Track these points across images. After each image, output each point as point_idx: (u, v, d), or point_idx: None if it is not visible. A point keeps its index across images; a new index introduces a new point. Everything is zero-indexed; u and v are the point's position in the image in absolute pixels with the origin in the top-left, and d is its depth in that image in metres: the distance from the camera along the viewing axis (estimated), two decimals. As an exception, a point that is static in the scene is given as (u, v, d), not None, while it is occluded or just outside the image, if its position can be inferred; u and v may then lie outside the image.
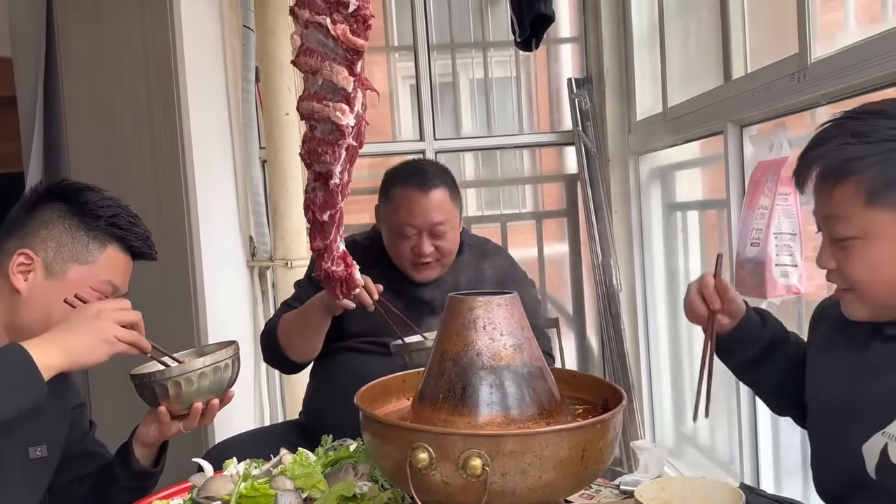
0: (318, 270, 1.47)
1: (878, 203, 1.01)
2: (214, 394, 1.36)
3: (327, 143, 1.30)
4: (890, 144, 1.00)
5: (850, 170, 1.02)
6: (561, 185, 3.38)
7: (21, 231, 1.31)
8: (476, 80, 3.36)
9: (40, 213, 1.32)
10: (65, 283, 1.29)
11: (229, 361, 1.36)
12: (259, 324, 3.00)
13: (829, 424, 1.15)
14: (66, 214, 1.32)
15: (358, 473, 1.26)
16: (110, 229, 1.34)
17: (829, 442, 1.15)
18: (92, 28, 2.37)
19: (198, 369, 1.32)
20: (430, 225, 1.73)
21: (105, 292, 1.33)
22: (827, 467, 1.17)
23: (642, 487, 1.13)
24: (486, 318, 1.06)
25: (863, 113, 1.05)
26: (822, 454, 1.18)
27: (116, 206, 1.36)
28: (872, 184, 1.00)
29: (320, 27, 1.24)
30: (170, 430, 1.38)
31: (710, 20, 2.41)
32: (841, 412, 1.12)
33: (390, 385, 1.23)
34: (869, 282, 1.05)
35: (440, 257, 1.78)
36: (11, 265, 1.27)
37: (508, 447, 0.92)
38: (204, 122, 2.51)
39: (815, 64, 1.77)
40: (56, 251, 1.30)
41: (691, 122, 2.48)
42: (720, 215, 2.51)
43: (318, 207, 1.37)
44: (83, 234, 1.32)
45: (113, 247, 1.34)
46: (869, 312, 1.09)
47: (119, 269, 1.36)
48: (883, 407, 1.04)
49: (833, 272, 1.10)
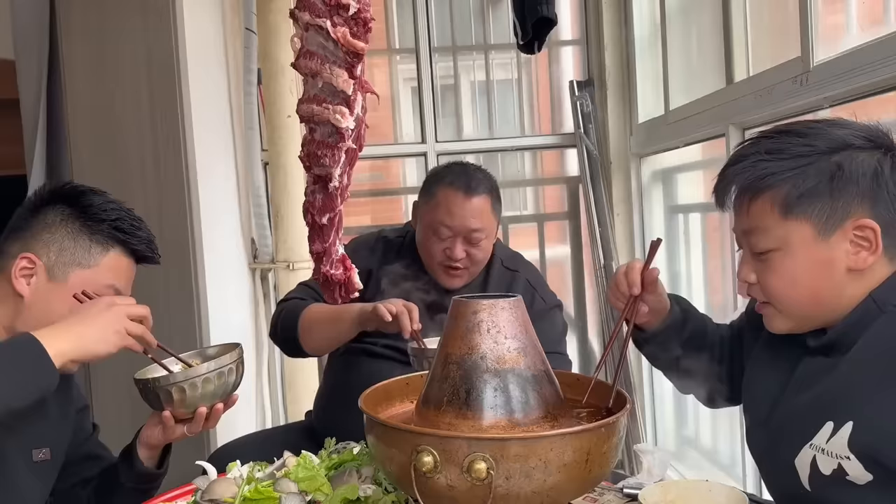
0: (316, 274, 1.47)
1: (792, 215, 1.05)
2: (219, 398, 1.36)
3: (327, 146, 1.30)
4: (802, 160, 1.05)
5: (766, 184, 1.06)
6: (562, 187, 3.39)
7: (24, 234, 1.31)
8: (477, 82, 3.37)
9: (44, 217, 1.32)
10: (67, 287, 1.29)
11: (233, 366, 1.36)
12: (261, 325, 3.00)
13: (763, 440, 1.17)
14: (69, 218, 1.32)
15: (362, 476, 1.26)
16: (113, 233, 1.33)
17: (766, 458, 1.17)
18: (94, 31, 2.37)
19: (202, 374, 1.32)
20: (468, 230, 1.72)
21: None
22: (772, 483, 1.19)
23: (646, 490, 1.13)
24: (491, 322, 1.06)
25: (776, 132, 1.11)
26: (765, 471, 1.20)
27: (120, 210, 1.36)
28: (787, 196, 1.05)
29: (321, 30, 1.24)
30: (174, 434, 1.38)
31: (711, 23, 2.41)
32: (772, 427, 1.14)
33: (393, 388, 1.23)
34: (788, 293, 1.08)
35: (470, 265, 1.76)
36: (14, 269, 1.27)
37: (513, 451, 0.92)
38: (206, 125, 2.52)
39: (817, 67, 1.77)
40: (58, 255, 1.29)
41: (693, 124, 2.48)
42: (722, 218, 2.51)
43: (318, 210, 1.37)
44: (86, 238, 1.31)
45: (115, 251, 1.34)
46: (789, 324, 1.12)
47: (122, 274, 1.35)
48: (808, 419, 1.06)
49: (753, 286, 1.13)
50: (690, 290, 2.82)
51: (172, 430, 1.37)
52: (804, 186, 1.04)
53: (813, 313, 1.09)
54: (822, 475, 1.03)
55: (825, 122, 1.11)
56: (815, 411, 1.05)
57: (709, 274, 2.69)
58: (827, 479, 1.03)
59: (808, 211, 1.04)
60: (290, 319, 1.75)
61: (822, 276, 1.06)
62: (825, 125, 1.09)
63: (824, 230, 1.04)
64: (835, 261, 1.05)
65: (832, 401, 1.04)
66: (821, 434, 1.03)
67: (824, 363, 1.08)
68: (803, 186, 1.04)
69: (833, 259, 1.05)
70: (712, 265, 2.66)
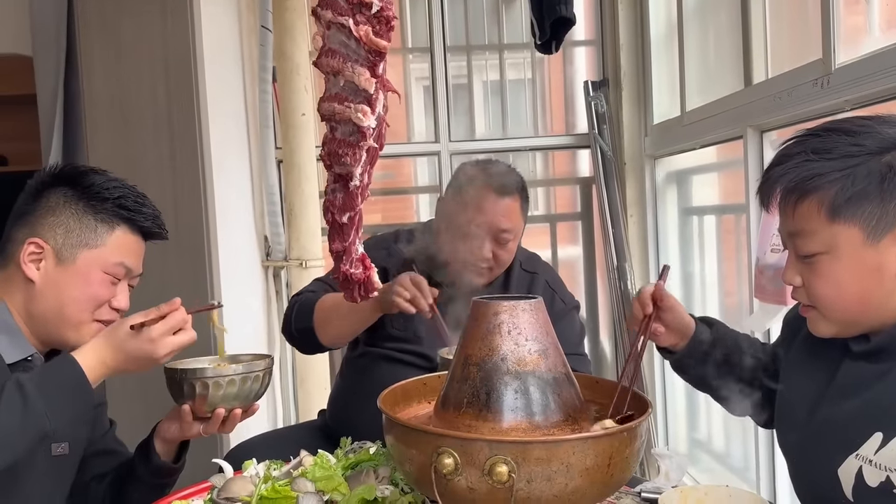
0: (335, 272, 1.46)
1: (840, 218, 1.01)
2: (240, 402, 1.36)
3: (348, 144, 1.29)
4: (850, 160, 1.01)
5: (813, 186, 1.03)
6: (575, 188, 3.37)
7: (29, 219, 1.31)
8: (491, 82, 3.36)
9: (46, 200, 1.31)
10: (76, 268, 1.29)
11: (260, 374, 1.37)
12: (273, 323, 3.00)
13: (802, 446, 1.15)
14: (72, 199, 1.31)
15: (379, 477, 1.25)
16: (118, 210, 1.33)
17: (804, 464, 1.15)
18: (112, 27, 2.38)
19: (228, 375, 1.33)
20: (497, 230, 1.70)
21: (118, 274, 1.32)
22: (805, 488, 1.17)
23: (665, 496, 1.12)
24: (511, 323, 1.05)
25: (823, 130, 1.07)
26: (799, 475, 1.18)
27: (123, 187, 1.35)
28: (834, 198, 1.01)
29: (343, 28, 1.23)
30: (190, 431, 1.39)
31: (729, 24, 2.39)
32: (811, 433, 1.12)
33: (411, 389, 1.22)
34: (833, 298, 1.05)
35: (494, 266, 1.74)
36: (23, 255, 1.28)
37: (535, 454, 0.91)
38: (221, 122, 2.52)
39: (839, 69, 1.75)
40: (65, 237, 1.29)
41: (710, 126, 2.46)
42: (738, 220, 2.50)
43: (338, 209, 1.36)
44: (90, 218, 1.31)
45: (122, 228, 1.33)
46: (833, 329, 1.09)
47: (131, 251, 1.35)
48: (853, 428, 1.04)
49: (799, 289, 1.10)
50: (704, 293, 2.80)
51: (189, 426, 1.38)
52: (853, 189, 1.00)
53: (859, 319, 1.06)
54: (868, 486, 1.00)
55: (875, 118, 1.06)
56: (862, 420, 1.03)
57: (723, 276, 2.68)
58: (873, 491, 1.00)
59: (857, 214, 1.00)
60: (304, 311, 1.74)
61: (871, 282, 1.02)
62: (875, 122, 1.04)
63: (874, 234, 1.00)
64: (884, 266, 1.01)
65: (882, 410, 1.01)
66: (868, 444, 1.00)
67: (870, 369, 1.05)
68: (852, 189, 1.00)
69: (882, 264, 1.01)
70: (727, 267, 2.64)
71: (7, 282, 1.30)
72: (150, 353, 1.23)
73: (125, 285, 1.36)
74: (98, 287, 1.31)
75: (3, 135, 3.25)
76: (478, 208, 1.69)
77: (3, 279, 1.30)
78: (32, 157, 2.74)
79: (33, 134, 2.60)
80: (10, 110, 3.09)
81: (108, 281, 1.32)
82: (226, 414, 1.36)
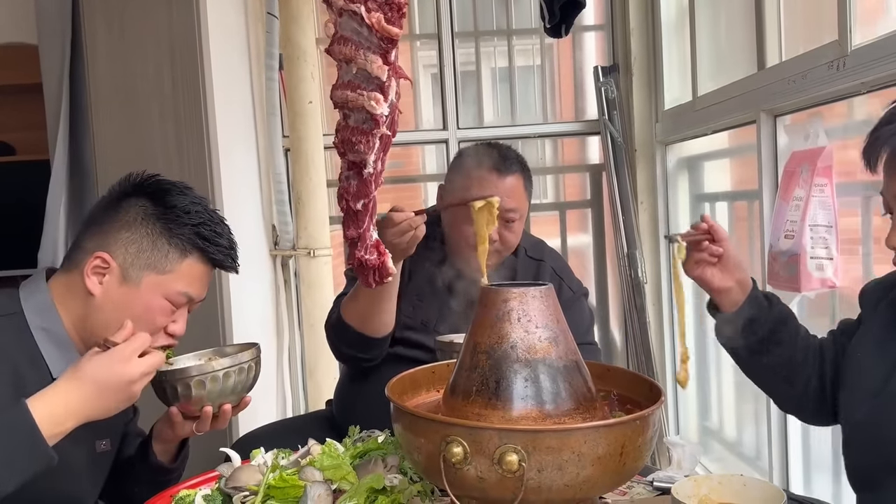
0: (350, 259, 1.44)
1: None
2: (228, 398, 1.33)
3: (361, 132, 1.28)
4: None
5: None
6: (585, 175, 3.34)
7: (104, 228, 1.27)
8: (499, 68, 3.33)
9: (125, 213, 1.27)
10: (139, 291, 1.25)
11: (246, 366, 1.33)
12: (281, 312, 3.00)
13: (868, 410, 1.12)
14: (150, 218, 1.26)
15: (387, 466, 1.24)
16: (193, 239, 1.28)
17: (867, 427, 1.12)
18: (117, 16, 2.36)
19: (212, 372, 1.29)
20: (502, 209, 1.63)
21: (178, 304, 1.28)
22: (861, 453, 1.15)
23: (679, 485, 1.10)
24: (521, 310, 1.03)
25: None
26: (858, 440, 1.15)
27: (204, 212, 1.30)
28: None
29: (355, 15, 1.21)
30: (183, 430, 1.37)
31: (742, 7, 2.35)
32: (882, 398, 1.09)
33: (420, 377, 1.21)
34: None
35: (500, 248, 1.70)
36: (87, 267, 1.23)
37: (546, 443, 0.89)
38: (228, 110, 2.50)
39: (855, 51, 1.72)
40: (135, 257, 1.25)
41: (722, 111, 2.43)
42: (750, 206, 2.46)
43: (352, 196, 1.35)
44: (164, 242, 1.26)
45: (193, 257, 1.28)
46: None
47: (197, 280, 1.30)
48: None
49: None
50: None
51: (181, 426, 1.35)
52: None
53: None
54: None
55: None
56: None
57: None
58: None
59: None
60: (338, 327, 1.68)
61: None
62: None
63: None
64: None
65: None
66: None
67: None
68: None
69: None
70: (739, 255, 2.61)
71: (68, 288, 1.26)
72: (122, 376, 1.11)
73: (184, 311, 1.31)
74: (157, 313, 1.26)
75: (10, 124, 3.24)
76: (480, 189, 1.64)
77: (64, 285, 1.26)
78: (40, 146, 2.73)
79: (40, 123, 2.59)
80: (16, 99, 3.08)
81: (168, 307, 1.27)
82: (216, 410, 1.33)
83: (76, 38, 2.41)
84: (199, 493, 1.25)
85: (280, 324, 2.99)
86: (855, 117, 1.95)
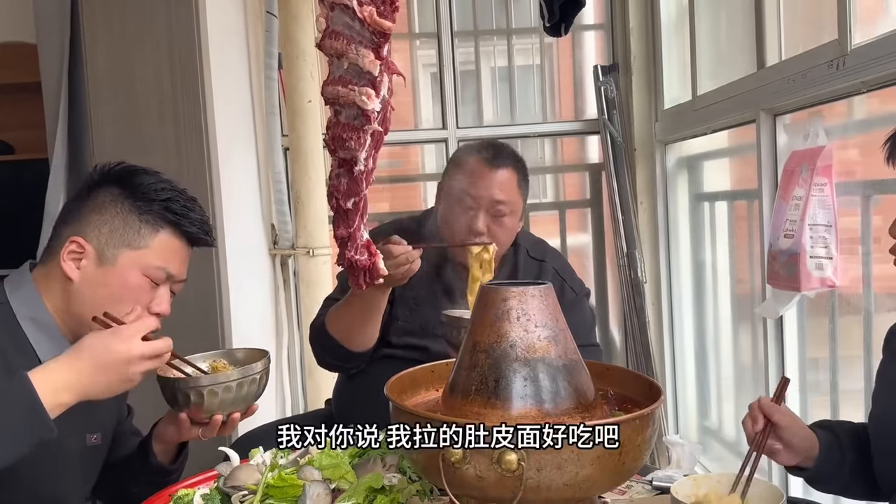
0: (341, 259, 1.44)
1: None
2: (238, 406, 1.33)
3: (352, 128, 1.27)
4: None
5: None
6: (584, 174, 3.34)
7: (75, 216, 1.28)
8: (499, 67, 3.32)
9: (94, 198, 1.28)
10: (115, 269, 1.25)
11: (257, 377, 1.33)
12: (280, 311, 2.99)
13: None
14: (119, 198, 1.28)
15: (386, 465, 1.24)
16: (164, 213, 1.29)
17: None
18: (116, 14, 2.36)
19: (224, 382, 1.29)
20: (492, 201, 1.65)
21: (157, 278, 1.28)
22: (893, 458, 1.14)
23: (678, 485, 1.10)
24: (521, 309, 1.03)
25: None
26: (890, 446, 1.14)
27: (172, 190, 1.32)
28: None
29: (346, 9, 1.21)
30: (189, 434, 1.37)
31: (742, 6, 2.35)
32: None
33: (419, 376, 1.21)
34: None
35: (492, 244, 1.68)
36: (63, 252, 1.25)
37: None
38: (227, 109, 2.50)
39: (855, 50, 1.71)
40: (108, 237, 1.26)
41: (722, 110, 2.43)
42: (750, 206, 2.46)
43: (342, 195, 1.34)
44: (135, 219, 1.27)
45: (166, 231, 1.29)
46: None
47: (174, 255, 1.30)
48: None
49: None
50: (716, 280, 2.77)
51: (188, 430, 1.36)
52: None
53: None
54: None
55: None
56: None
57: (735, 263, 2.64)
58: None
59: None
60: (321, 335, 1.70)
61: None
62: None
63: None
64: None
65: None
66: None
67: None
68: None
69: None
70: (738, 255, 2.61)
71: (48, 278, 1.27)
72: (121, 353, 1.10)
73: (166, 290, 1.31)
74: (136, 289, 1.26)
75: (9, 123, 3.24)
76: (471, 181, 1.66)
77: (44, 275, 1.27)
78: (38, 145, 2.73)
79: (39, 122, 2.59)
80: (15, 98, 3.08)
81: (147, 284, 1.27)
82: (225, 418, 1.33)
83: (75, 37, 2.41)
84: (198, 492, 1.25)
85: (279, 323, 2.98)
86: (855, 116, 1.95)
